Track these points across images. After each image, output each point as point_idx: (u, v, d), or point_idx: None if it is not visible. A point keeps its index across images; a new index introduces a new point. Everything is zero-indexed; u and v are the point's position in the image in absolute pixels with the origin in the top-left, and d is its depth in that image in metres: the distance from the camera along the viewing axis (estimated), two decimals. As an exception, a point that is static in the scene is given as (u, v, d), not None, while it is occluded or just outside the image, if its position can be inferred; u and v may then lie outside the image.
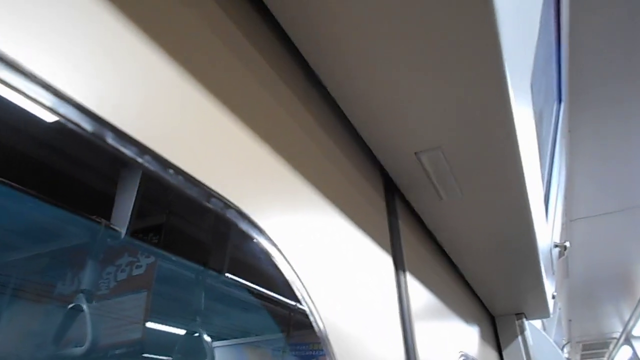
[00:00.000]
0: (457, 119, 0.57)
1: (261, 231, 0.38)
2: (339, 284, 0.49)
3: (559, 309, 3.24)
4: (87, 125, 0.25)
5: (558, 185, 1.40)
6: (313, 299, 0.43)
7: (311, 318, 0.43)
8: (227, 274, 1.25)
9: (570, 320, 5.35)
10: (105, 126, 0.26)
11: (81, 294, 0.86)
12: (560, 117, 1.29)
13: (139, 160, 0.29)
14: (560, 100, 1.29)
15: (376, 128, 0.59)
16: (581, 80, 1.62)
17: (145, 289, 1.06)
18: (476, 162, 0.66)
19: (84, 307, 0.84)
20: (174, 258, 1.03)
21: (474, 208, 0.80)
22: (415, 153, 0.63)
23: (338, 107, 0.58)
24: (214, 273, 1.13)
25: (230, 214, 0.35)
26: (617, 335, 6.25)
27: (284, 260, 0.41)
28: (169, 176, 0.30)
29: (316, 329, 0.43)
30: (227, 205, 0.35)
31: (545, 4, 0.87)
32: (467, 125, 0.58)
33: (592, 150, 2.03)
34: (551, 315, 1.66)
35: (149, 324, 0.98)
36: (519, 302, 1.44)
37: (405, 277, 0.70)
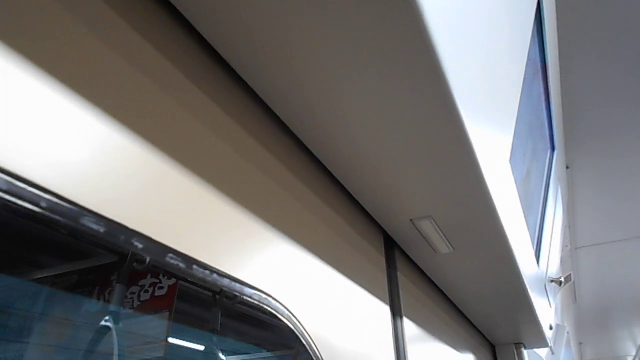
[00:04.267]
0: (442, 194, 0.69)
1: (271, 297, 0.44)
2: (339, 329, 0.56)
3: (567, 332, 3.26)
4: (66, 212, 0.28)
5: (553, 223, 1.49)
6: (315, 342, 0.54)
7: (312, 355, 0.53)
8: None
9: (580, 344, 5.31)
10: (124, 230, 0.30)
11: (109, 316, 0.97)
12: (554, 164, 1.38)
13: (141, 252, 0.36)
14: (553, 149, 1.38)
15: (376, 200, 0.71)
16: (577, 115, 1.69)
17: (167, 309, 1.17)
18: (462, 226, 0.77)
19: (112, 327, 0.95)
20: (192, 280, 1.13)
21: (465, 260, 0.91)
22: (410, 219, 0.75)
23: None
24: (231, 294, 1.23)
25: (245, 292, 0.45)
26: (630, 358, 6.16)
27: (289, 314, 0.49)
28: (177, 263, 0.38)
29: None
30: (242, 283, 0.44)
31: (529, 69, 0.98)
32: (451, 199, 0.69)
33: (591, 183, 2.08)
34: (550, 344, 1.73)
35: (170, 340, 1.08)
36: (517, 333, 1.51)
37: (402, 322, 0.81)
